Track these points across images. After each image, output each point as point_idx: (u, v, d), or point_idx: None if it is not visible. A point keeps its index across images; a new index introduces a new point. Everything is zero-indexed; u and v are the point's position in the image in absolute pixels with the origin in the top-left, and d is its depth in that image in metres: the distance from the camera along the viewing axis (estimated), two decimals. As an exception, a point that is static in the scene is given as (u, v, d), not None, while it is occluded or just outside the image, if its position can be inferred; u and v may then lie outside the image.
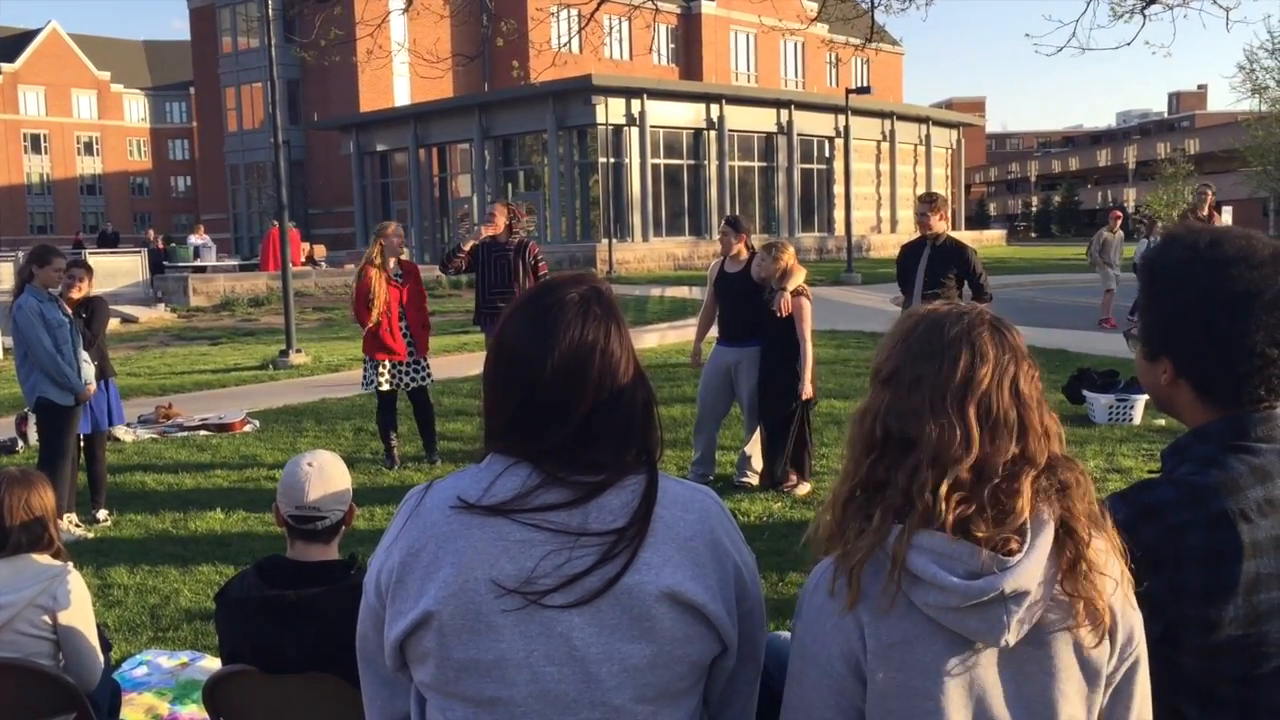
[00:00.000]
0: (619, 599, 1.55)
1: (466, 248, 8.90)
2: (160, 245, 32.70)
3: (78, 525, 7.01)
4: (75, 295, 7.06)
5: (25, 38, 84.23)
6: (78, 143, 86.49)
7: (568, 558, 1.56)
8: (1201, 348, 1.79)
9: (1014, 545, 1.49)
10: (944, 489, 1.50)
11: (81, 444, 7.31)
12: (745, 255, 7.67)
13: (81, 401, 6.89)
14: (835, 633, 1.54)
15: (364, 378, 8.63)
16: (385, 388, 8.47)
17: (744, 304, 7.51)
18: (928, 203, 8.14)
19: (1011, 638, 1.48)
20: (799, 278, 7.33)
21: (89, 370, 6.91)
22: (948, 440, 1.53)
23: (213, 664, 4.56)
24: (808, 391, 7.26)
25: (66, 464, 6.90)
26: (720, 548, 1.65)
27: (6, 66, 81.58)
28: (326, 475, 2.80)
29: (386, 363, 8.43)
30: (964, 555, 1.48)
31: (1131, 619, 1.58)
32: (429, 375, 8.67)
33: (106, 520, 7.24)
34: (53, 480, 6.55)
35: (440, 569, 1.59)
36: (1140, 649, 1.59)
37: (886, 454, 1.58)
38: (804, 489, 7.47)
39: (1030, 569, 1.47)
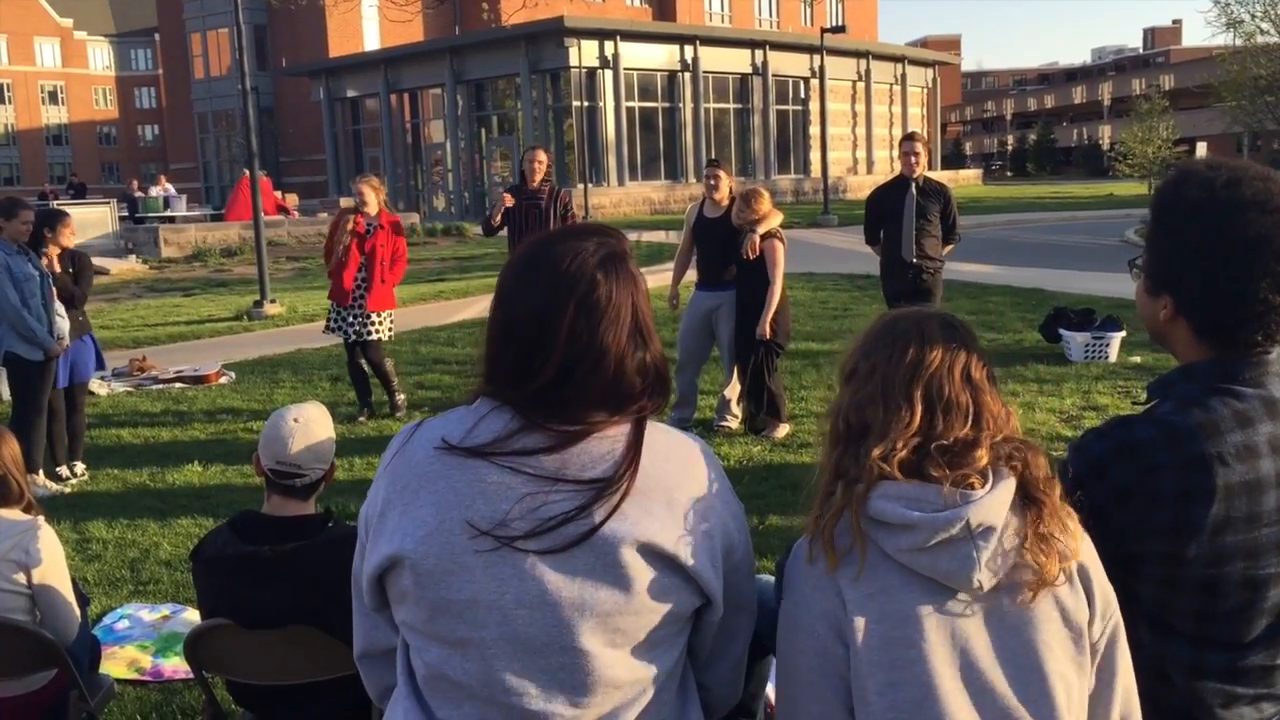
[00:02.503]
0: (592, 546, 1.55)
1: (509, 202, 8.69)
2: (143, 193, 32.26)
3: (54, 482, 6.96)
4: (66, 243, 7.01)
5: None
6: (42, 92, 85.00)
7: (542, 501, 1.55)
8: (1204, 289, 1.77)
9: (976, 483, 1.55)
10: (877, 452, 1.59)
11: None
12: (726, 200, 7.62)
13: (51, 358, 6.78)
14: (815, 594, 1.59)
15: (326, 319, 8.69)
16: (326, 333, 8.66)
17: (723, 249, 7.46)
18: (917, 140, 8.13)
19: (983, 579, 1.51)
20: (773, 222, 7.29)
21: (62, 325, 6.79)
22: (893, 420, 1.61)
23: (194, 616, 4.56)
24: (765, 332, 7.21)
25: (40, 420, 6.83)
26: (704, 499, 1.64)
27: (-35, 14, 79.92)
28: (311, 433, 2.77)
29: (337, 308, 8.39)
30: (928, 495, 1.54)
31: (1107, 589, 1.62)
32: (372, 331, 8.31)
33: (84, 474, 7.19)
34: (26, 436, 6.53)
35: (419, 508, 1.60)
36: (1118, 617, 1.63)
37: (850, 446, 1.66)
38: (782, 431, 7.49)
39: (994, 504, 1.52)
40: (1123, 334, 9.72)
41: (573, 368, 1.60)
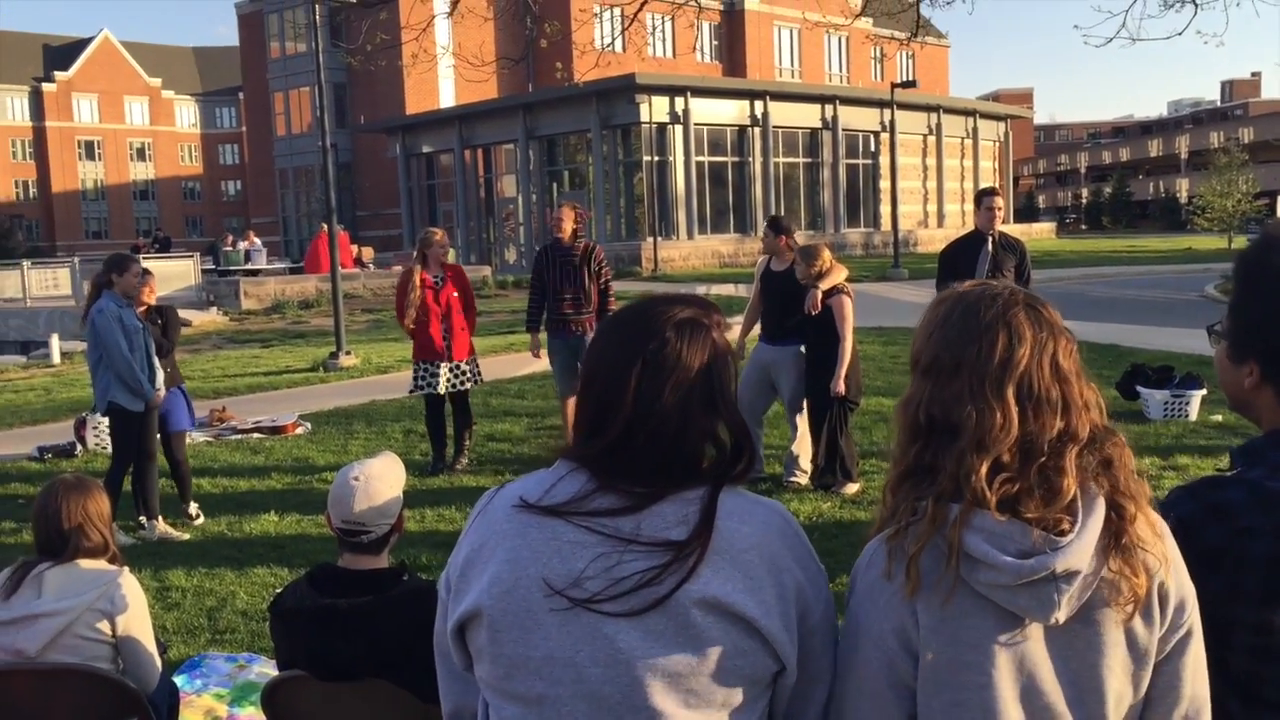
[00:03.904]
0: (666, 608, 1.56)
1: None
2: (232, 247, 33.10)
3: (172, 525, 7.25)
4: (147, 299, 7.28)
5: (78, 46, 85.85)
6: (130, 149, 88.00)
7: (617, 561, 1.57)
8: None
9: (1065, 525, 1.50)
10: (983, 469, 1.52)
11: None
12: (791, 255, 7.64)
13: (151, 408, 7.03)
14: (888, 609, 1.56)
15: (413, 380, 8.73)
16: (427, 390, 8.55)
17: (787, 303, 7.47)
18: (998, 195, 8.11)
19: (1062, 615, 1.50)
20: (837, 276, 7.29)
21: (161, 376, 7.08)
22: (988, 423, 1.54)
23: (269, 668, 4.62)
24: (839, 389, 7.19)
25: (151, 466, 7.14)
26: (779, 562, 1.64)
27: (60, 75, 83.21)
28: (373, 491, 2.81)
29: (430, 364, 8.50)
30: (1015, 534, 1.49)
31: (1184, 590, 1.57)
32: (470, 379, 8.69)
33: (197, 515, 7.48)
34: (137, 483, 6.84)
35: (495, 565, 1.62)
36: (1193, 620, 1.58)
37: (931, 441, 1.60)
38: (853, 488, 7.42)
39: (1082, 548, 1.49)
40: (1203, 392, 9.50)
41: (638, 426, 1.62)
